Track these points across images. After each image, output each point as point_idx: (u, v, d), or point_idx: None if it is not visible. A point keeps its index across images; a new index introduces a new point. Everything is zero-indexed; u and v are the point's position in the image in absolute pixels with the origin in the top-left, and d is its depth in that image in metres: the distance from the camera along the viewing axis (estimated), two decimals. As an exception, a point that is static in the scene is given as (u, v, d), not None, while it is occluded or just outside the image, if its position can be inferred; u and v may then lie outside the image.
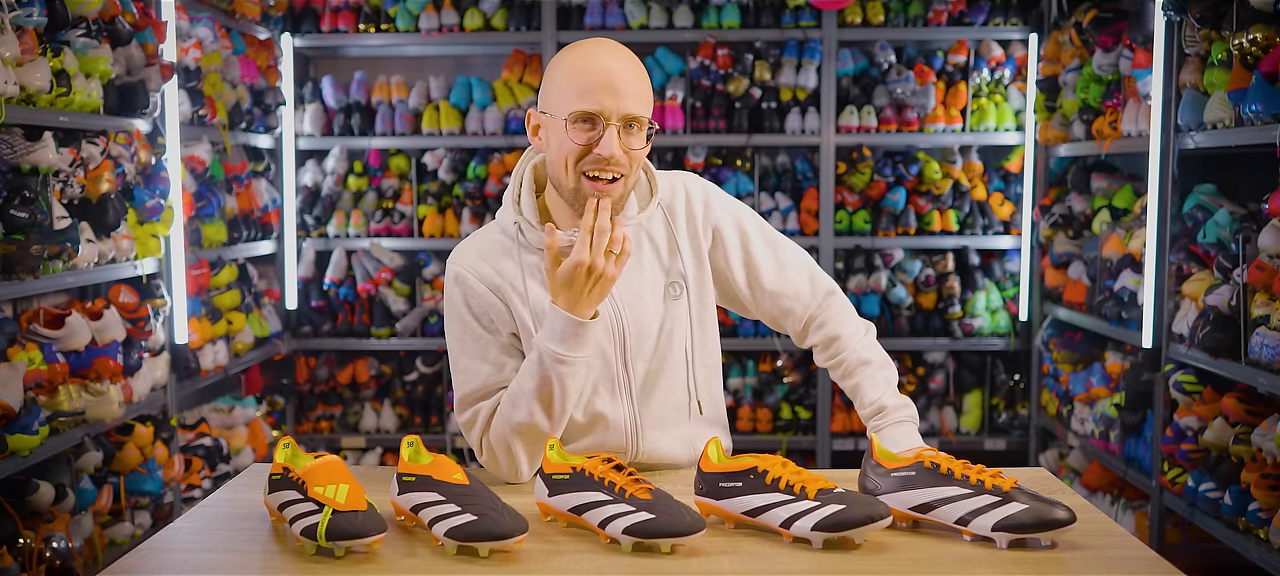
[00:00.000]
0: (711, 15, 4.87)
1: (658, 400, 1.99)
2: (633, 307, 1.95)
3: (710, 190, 2.04)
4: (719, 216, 2.02)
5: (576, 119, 1.81)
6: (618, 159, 1.82)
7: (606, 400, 1.96)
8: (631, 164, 1.85)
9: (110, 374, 3.26)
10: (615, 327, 1.94)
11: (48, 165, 3.00)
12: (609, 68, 1.82)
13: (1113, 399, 4.05)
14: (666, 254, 1.99)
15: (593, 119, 1.81)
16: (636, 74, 1.85)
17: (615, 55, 1.84)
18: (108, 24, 3.31)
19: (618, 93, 1.81)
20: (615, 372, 1.95)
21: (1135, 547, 1.61)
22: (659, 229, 1.99)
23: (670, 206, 2.00)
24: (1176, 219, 3.63)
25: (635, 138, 1.84)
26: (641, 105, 1.84)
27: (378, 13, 4.98)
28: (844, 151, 4.99)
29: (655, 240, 1.99)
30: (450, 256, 1.98)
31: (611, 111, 1.81)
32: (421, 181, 5.12)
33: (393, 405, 5.18)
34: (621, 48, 1.87)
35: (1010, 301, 5.07)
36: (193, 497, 3.87)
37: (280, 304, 4.98)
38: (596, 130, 1.81)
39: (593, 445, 1.97)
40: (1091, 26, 4.11)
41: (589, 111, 1.80)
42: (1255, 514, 3.03)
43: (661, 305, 1.97)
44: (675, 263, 1.98)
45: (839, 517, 1.56)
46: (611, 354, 1.95)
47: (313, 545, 1.55)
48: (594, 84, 1.81)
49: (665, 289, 1.98)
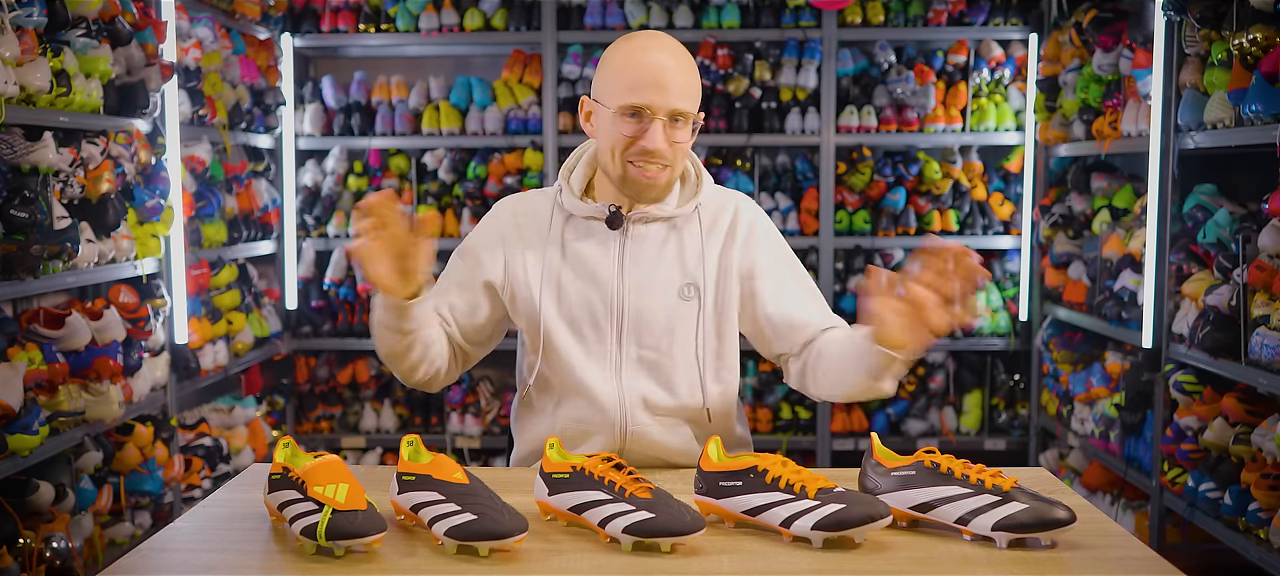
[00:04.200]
0: (711, 15, 4.87)
1: (652, 388, 2.01)
2: (636, 293, 2.00)
3: (758, 217, 2.08)
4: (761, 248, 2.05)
5: (625, 112, 1.91)
6: (662, 152, 1.91)
7: (595, 373, 2.01)
8: (676, 156, 1.94)
9: (110, 374, 3.26)
10: (615, 306, 2.00)
11: (48, 165, 3.00)
12: (658, 64, 1.90)
13: (1113, 399, 4.05)
14: (690, 256, 2.02)
15: (640, 113, 1.90)
16: (685, 69, 1.93)
17: (666, 51, 1.93)
18: (108, 24, 3.31)
19: (665, 89, 1.89)
20: (609, 349, 2.00)
21: (1135, 547, 1.61)
22: (691, 230, 2.03)
23: (713, 218, 2.05)
24: (1176, 219, 3.63)
25: (680, 131, 1.93)
26: (687, 101, 1.92)
27: (378, 13, 4.98)
28: (844, 151, 4.99)
29: (683, 239, 2.03)
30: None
31: (659, 107, 1.89)
32: (421, 181, 5.12)
33: (393, 405, 5.18)
34: (673, 43, 1.95)
35: (1010, 301, 5.07)
36: (193, 497, 3.87)
37: (280, 304, 4.98)
38: (643, 123, 1.90)
39: (579, 417, 2.02)
40: (1091, 26, 4.11)
41: (636, 105, 1.90)
42: (1255, 514, 3.03)
43: (671, 301, 2.00)
44: (696, 268, 2.01)
45: (839, 517, 1.56)
46: (607, 329, 2.00)
47: (313, 545, 1.55)
48: (643, 80, 1.90)
49: (679, 288, 2.01)
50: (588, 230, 2.02)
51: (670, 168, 1.94)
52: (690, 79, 1.94)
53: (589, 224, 2.02)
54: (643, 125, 1.90)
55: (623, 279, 1.99)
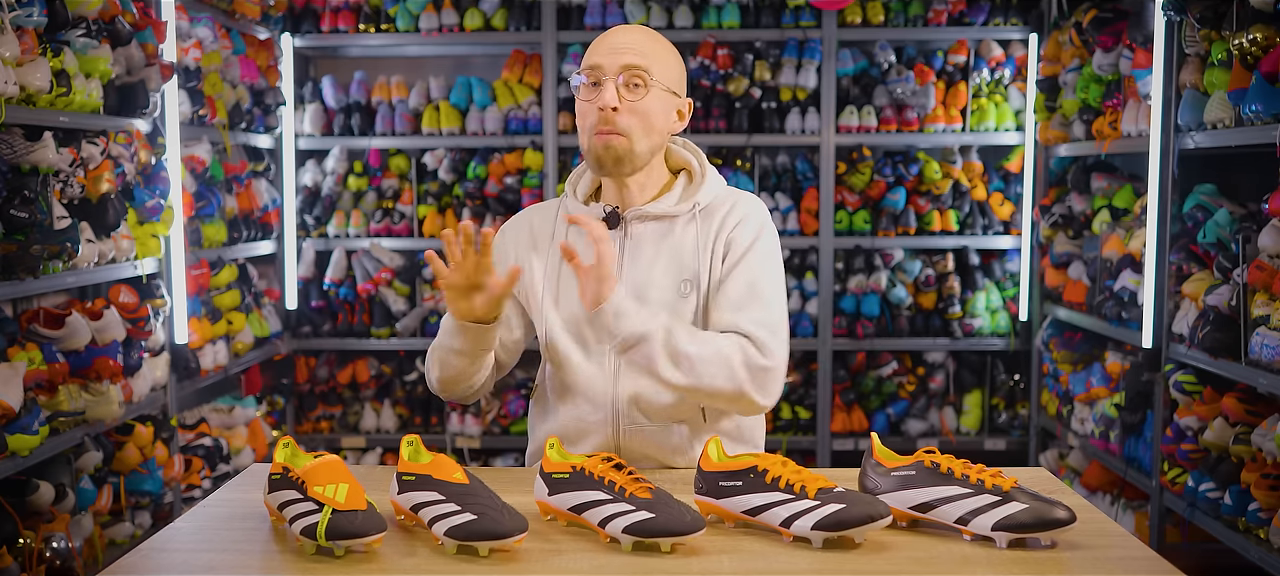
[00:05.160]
0: (711, 15, 4.87)
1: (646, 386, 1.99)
2: (637, 291, 1.99)
3: (755, 214, 2.01)
4: (740, 233, 1.99)
5: (587, 84, 1.94)
6: (612, 109, 1.90)
7: (593, 373, 2.01)
8: (636, 120, 1.92)
9: (110, 374, 3.26)
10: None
11: (48, 165, 3.00)
12: (615, 33, 1.96)
13: (1113, 399, 4.05)
14: (688, 254, 2.00)
15: (596, 77, 1.93)
16: (644, 37, 1.96)
17: (629, 28, 1.97)
18: (108, 24, 3.31)
19: (617, 49, 1.93)
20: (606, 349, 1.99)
21: (1135, 547, 1.61)
22: (690, 228, 2.01)
23: (713, 214, 2.01)
24: (1176, 219, 3.63)
25: (637, 93, 1.92)
26: (643, 59, 1.92)
27: (378, 13, 4.98)
28: (844, 151, 4.99)
29: (681, 235, 2.01)
30: None
31: (608, 66, 1.91)
32: (421, 181, 5.12)
33: (393, 405, 5.18)
34: (644, 28, 1.99)
35: (1010, 301, 5.07)
36: (193, 497, 3.87)
37: (280, 304, 4.98)
38: (599, 87, 1.93)
39: (578, 416, 2.03)
40: (1091, 26, 4.11)
41: (590, 66, 1.93)
42: (1255, 514, 3.03)
43: (669, 298, 1.99)
44: (693, 263, 2.00)
45: (839, 517, 1.56)
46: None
47: (313, 545, 1.55)
48: (597, 46, 1.95)
49: (677, 285, 2.00)
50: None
51: (628, 135, 1.91)
52: (651, 45, 1.94)
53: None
54: (598, 89, 1.93)
55: (621, 278, 1.99)
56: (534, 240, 2.08)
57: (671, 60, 1.98)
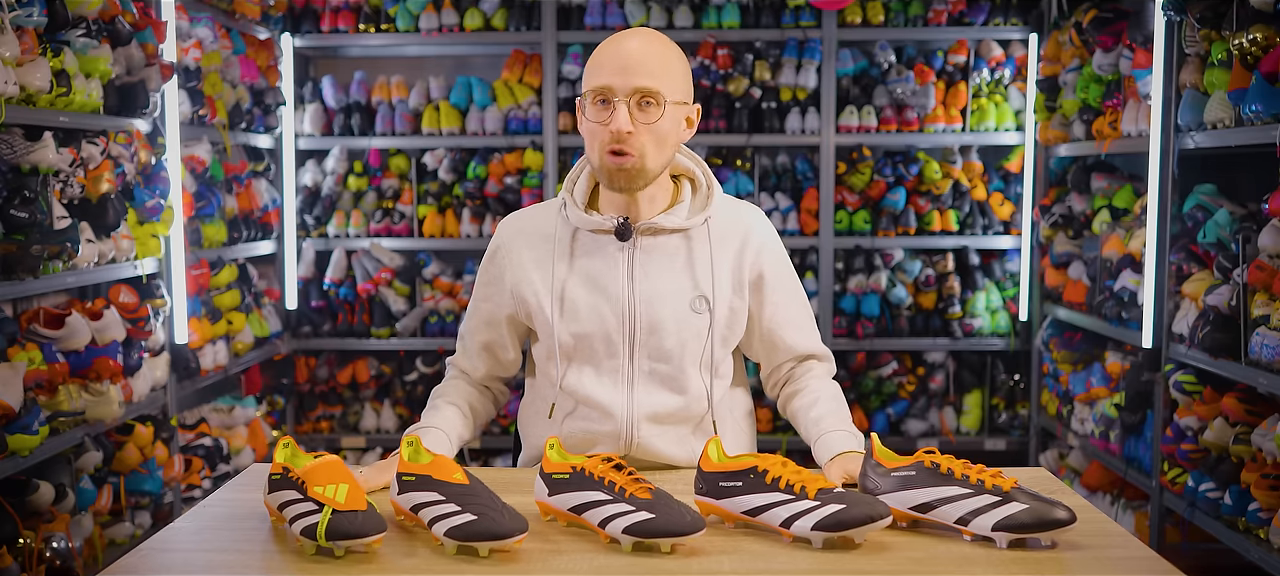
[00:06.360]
0: (711, 15, 4.87)
1: (661, 401, 1.99)
2: (648, 306, 1.97)
3: (768, 232, 2.07)
4: (767, 258, 2.05)
5: (593, 99, 1.89)
6: (626, 133, 1.86)
7: (606, 387, 1.99)
8: (648, 141, 1.88)
9: (110, 374, 3.26)
10: (627, 320, 1.97)
11: (48, 165, 3.00)
12: (625, 48, 1.88)
13: (1113, 399, 4.05)
14: (700, 268, 1.99)
15: (606, 96, 1.87)
16: (655, 53, 1.89)
17: (638, 38, 1.90)
18: (108, 24, 3.30)
19: (628, 69, 1.86)
20: (621, 364, 1.98)
21: (1135, 547, 1.61)
22: (702, 242, 2.00)
23: (724, 230, 2.01)
24: (1176, 219, 3.63)
25: (650, 113, 1.87)
26: (654, 79, 1.87)
27: (378, 13, 4.98)
28: (844, 151, 4.99)
29: (693, 251, 1.99)
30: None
31: (620, 87, 1.86)
32: (421, 181, 5.12)
33: (393, 405, 5.18)
34: (652, 33, 1.93)
35: (1010, 301, 5.07)
36: (193, 497, 3.87)
37: (280, 304, 4.98)
38: (610, 108, 1.87)
39: (586, 428, 2.01)
40: (1091, 26, 4.11)
41: (600, 87, 1.87)
42: (1255, 514, 3.03)
43: (683, 313, 1.98)
44: (707, 280, 1.99)
45: (839, 517, 1.56)
46: (619, 344, 1.97)
47: (313, 545, 1.55)
48: (606, 64, 1.88)
49: (691, 301, 1.98)
50: (595, 243, 1.98)
51: (640, 155, 1.87)
52: (661, 62, 1.88)
53: (596, 237, 1.98)
54: (609, 109, 1.87)
55: (633, 292, 1.96)
56: (532, 247, 2.02)
57: (680, 68, 1.92)
